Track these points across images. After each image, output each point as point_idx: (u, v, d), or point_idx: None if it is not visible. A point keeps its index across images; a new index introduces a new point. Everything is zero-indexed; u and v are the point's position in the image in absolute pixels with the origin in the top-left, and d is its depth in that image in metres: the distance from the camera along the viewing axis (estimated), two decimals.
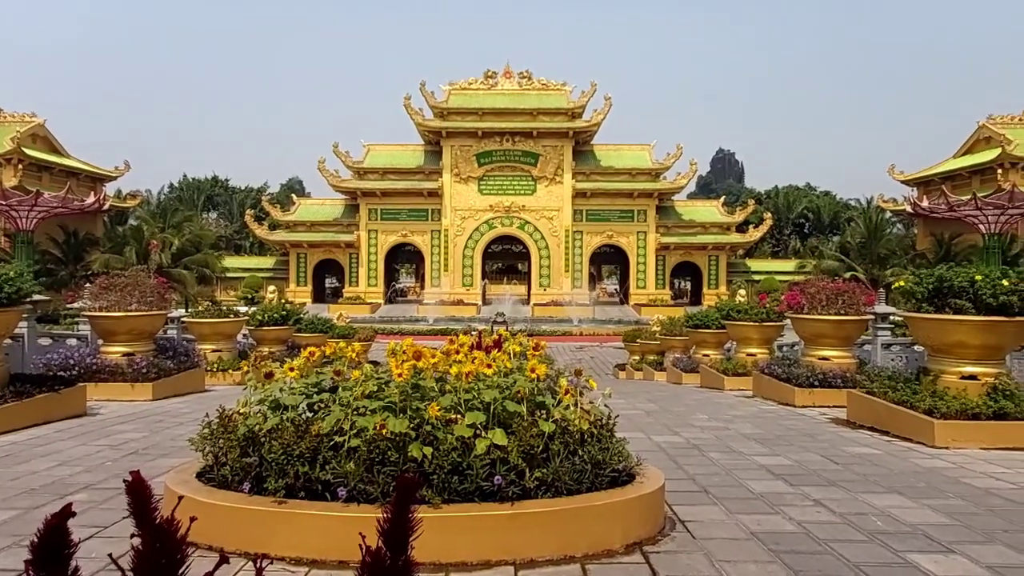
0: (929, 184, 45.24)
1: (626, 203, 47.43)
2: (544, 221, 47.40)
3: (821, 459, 5.50)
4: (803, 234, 69.58)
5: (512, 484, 3.28)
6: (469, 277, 47.66)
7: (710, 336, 13.91)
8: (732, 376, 11.38)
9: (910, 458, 5.51)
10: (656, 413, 8.16)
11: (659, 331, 18.48)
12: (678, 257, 48.40)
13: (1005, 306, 6.07)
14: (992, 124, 44.31)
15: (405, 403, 3.46)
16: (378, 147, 50.02)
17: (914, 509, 4.12)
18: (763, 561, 3.27)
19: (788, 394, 8.77)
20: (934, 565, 3.21)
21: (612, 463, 3.65)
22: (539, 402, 3.82)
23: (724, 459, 5.47)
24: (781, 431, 6.78)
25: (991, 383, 6.15)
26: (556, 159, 47.07)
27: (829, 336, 9.22)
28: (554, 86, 49.06)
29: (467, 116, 46.86)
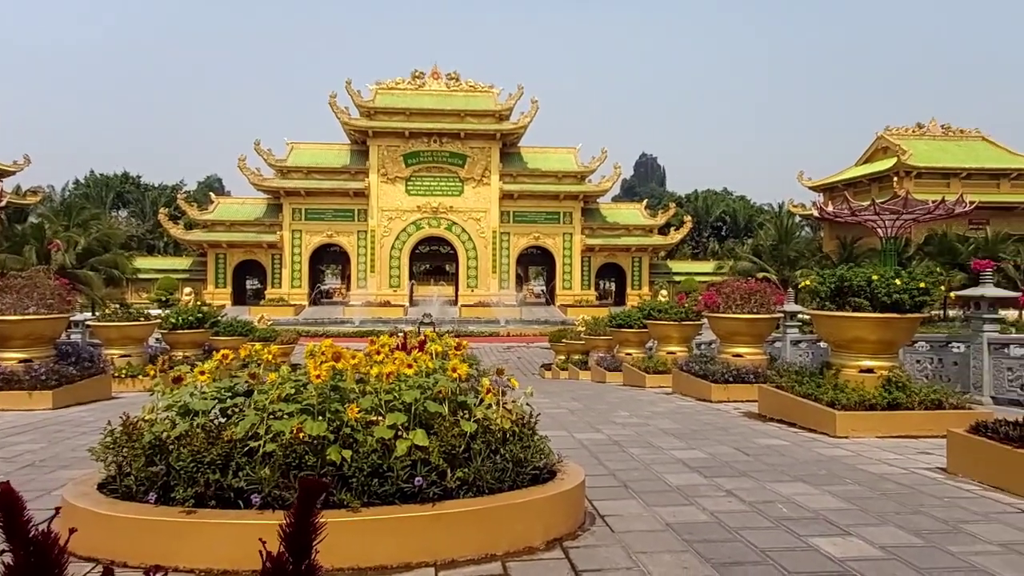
0: (834, 190, 47.96)
1: (552, 205, 48.06)
2: (472, 222, 47.41)
3: (733, 451, 5.73)
4: (721, 236, 72.43)
5: (433, 485, 3.27)
6: (396, 278, 47.12)
7: (632, 335, 14.27)
8: (653, 374, 11.70)
9: (814, 448, 5.83)
10: (580, 411, 8.30)
11: (584, 331, 18.80)
12: (603, 258, 49.42)
13: (898, 304, 6.52)
14: (889, 135, 47.51)
15: (324, 405, 3.39)
16: (302, 145, 48.76)
17: (816, 496, 4.35)
18: (677, 551, 3.38)
19: (705, 390, 9.11)
20: (833, 547, 3.41)
21: (534, 461, 3.69)
22: (461, 402, 3.82)
23: (643, 454, 5.63)
24: (697, 426, 7.03)
25: (886, 376, 6.59)
26: (484, 161, 47.17)
27: (743, 334, 9.64)
28: (482, 88, 49.17)
29: (394, 116, 46.32)
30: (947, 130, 48.61)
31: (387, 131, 45.99)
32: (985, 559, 3.25)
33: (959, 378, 8.32)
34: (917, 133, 47.98)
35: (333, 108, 45.22)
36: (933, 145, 46.86)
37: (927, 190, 40.90)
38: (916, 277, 6.74)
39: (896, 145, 45.24)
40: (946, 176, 44.22)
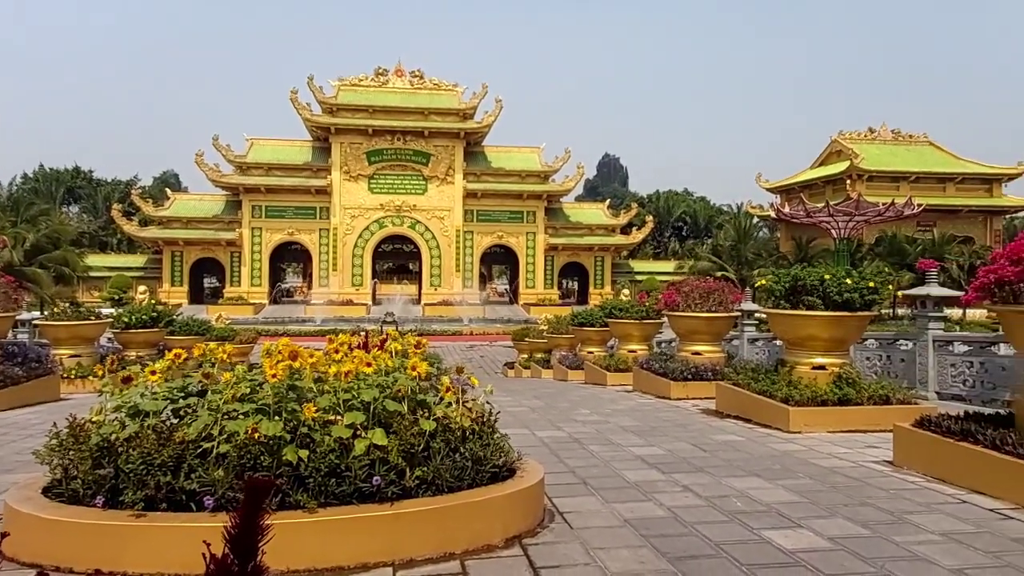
0: (791, 192, 49.20)
1: (516, 204, 48.16)
2: (435, 221, 47.22)
3: (691, 447, 5.83)
4: (682, 236, 73.53)
5: (392, 484, 3.25)
6: (359, 277, 46.65)
7: (594, 334, 14.40)
8: (614, 372, 11.82)
9: (768, 443, 5.97)
10: (541, 409, 8.35)
11: (547, 330, 18.89)
12: (566, 257, 49.72)
13: (848, 302, 6.72)
14: (843, 139, 48.87)
15: (280, 405, 3.35)
16: (263, 141, 47.91)
17: (770, 489, 4.46)
18: (634, 546, 3.43)
19: (664, 388, 9.24)
20: (784, 539, 3.50)
21: (493, 459, 3.69)
22: (421, 400, 3.81)
23: (603, 451, 5.69)
24: (657, 423, 7.14)
25: (837, 372, 6.78)
26: (447, 159, 47.02)
27: (702, 332, 9.81)
28: (446, 86, 48.99)
29: (357, 113, 45.85)
30: (897, 135, 50.21)
31: (350, 128, 45.49)
32: (926, 548, 3.38)
33: (906, 374, 8.61)
34: (869, 138, 49.47)
35: (294, 104, 44.54)
36: (884, 149, 48.37)
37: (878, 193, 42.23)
38: (866, 277, 6.95)
39: (849, 149, 46.62)
40: (896, 180, 45.72)
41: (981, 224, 47.35)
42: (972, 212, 46.89)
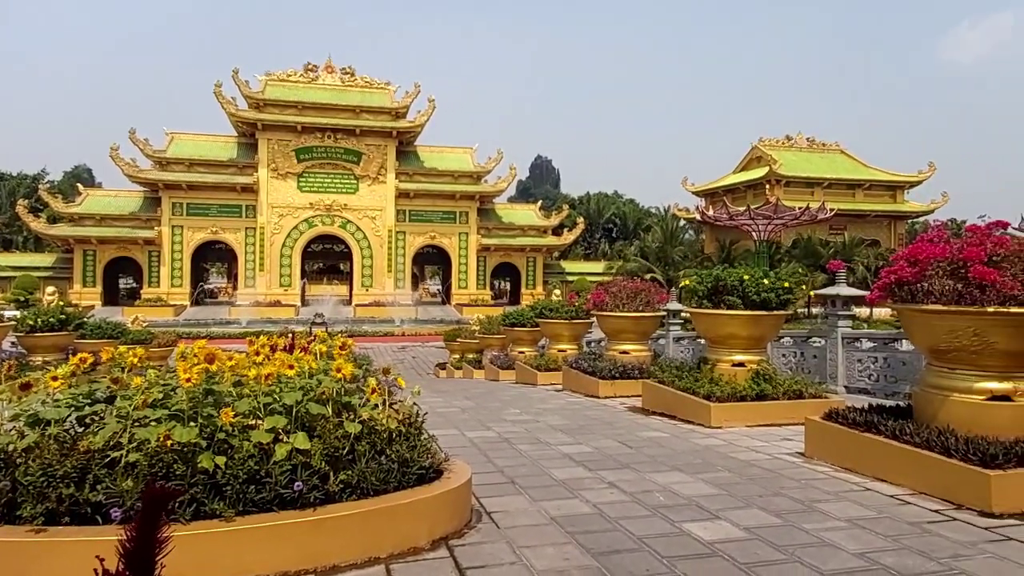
0: (715, 195, 51.02)
1: (449, 204, 47.99)
2: (367, 221, 46.49)
3: (618, 444, 5.95)
4: (611, 238, 75.01)
5: (315, 489, 3.18)
6: (287, 277, 45.41)
7: (525, 334, 14.50)
8: (545, 371, 11.94)
9: (691, 438, 6.16)
10: (471, 410, 8.35)
11: (478, 330, 18.91)
12: (498, 258, 49.88)
13: (766, 302, 7.02)
14: (763, 145, 51.07)
15: (196, 410, 3.22)
16: (184, 136, 45.95)
17: (691, 483, 4.61)
18: (560, 543, 3.48)
19: (593, 386, 9.40)
20: (703, 531, 3.63)
21: (420, 460, 3.67)
22: (346, 403, 3.74)
23: (532, 450, 5.73)
24: (585, 421, 7.25)
25: (755, 369, 7.08)
26: (379, 158, 46.37)
27: (629, 331, 10.03)
28: (378, 84, 48.29)
29: (285, 109, 44.61)
30: (812, 143, 52.79)
31: (278, 124, 44.21)
32: (833, 534, 3.57)
33: (818, 370, 9.08)
34: (786, 144, 51.82)
35: (218, 98, 42.93)
36: (800, 156, 50.76)
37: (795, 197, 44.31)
38: (781, 277, 7.28)
39: (768, 155, 48.74)
40: (810, 185, 48.06)
41: (886, 228, 50.35)
42: (878, 216, 49.80)
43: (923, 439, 4.31)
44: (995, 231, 4.68)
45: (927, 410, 4.57)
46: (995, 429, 4.18)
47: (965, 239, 4.60)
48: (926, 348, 4.70)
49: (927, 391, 4.61)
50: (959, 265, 4.43)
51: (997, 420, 4.23)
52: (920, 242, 4.80)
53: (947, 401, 4.43)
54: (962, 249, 4.45)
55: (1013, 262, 4.33)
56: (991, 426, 4.21)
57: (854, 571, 3.10)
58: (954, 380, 4.44)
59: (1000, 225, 4.71)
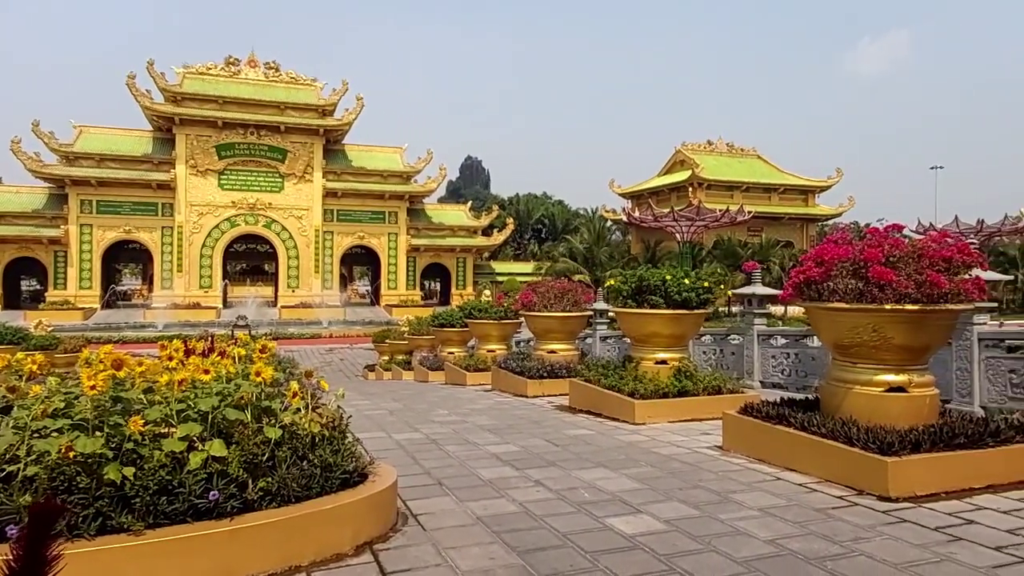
0: (640, 198, 52.39)
1: (378, 204, 47.35)
2: (293, 220, 45.30)
3: (545, 443, 6.03)
4: (541, 238, 75.77)
5: (232, 498, 3.08)
6: (208, 278, 43.66)
7: (455, 334, 14.48)
8: (474, 372, 11.95)
9: (615, 435, 6.30)
10: (399, 411, 8.27)
11: (408, 331, 18.74)
12: (428, 259, 49.58)
13: (687, 301, 7.27)
14: (685, 150, 52.81)
15: (102, 420, 3.06)
16: (94, 130, 43.49)
17: (615, 479, 4.72)
18: (486, 543, 3.49)
19: (521, 386, 9.48)
20: (626, 525, 3.72)
21: (344, 465, 3.61)
22: (266, 408, 3.64)
23: (460, 451, 5.73)
24: (513, 420, 7.30)
25: (677, 366, 7.31)
26: (306, 156, 45.27)
27: (556, 331, 10.17)
28: (304, 80, 47.11)
29: (205, 104, 42.90)
30: (731, 148, 54.96)
31: (197, 119, 42.48)
32: (747, 523, 3.73)
33: (736, 366, 9.46)
34: (708, 149, 53.74)
35: (132, 90, 40.86)
36: (720, 160, 52.75)
37: (716, 200, 46.02)
38: (702, 278, 7.54)
39: (691, 159, 50.45)
40: (730, 189, 50.04)
41: (799, 230, 52.94)
42: (792, 219, 52.33)
43: (828, 430, 4.57)
44: (892, 234, 5.00)
45: (832, 402, 4.84)
46: (892, 418, 4.47)
47: (866, 241, 4.89)
48: (831, 344, 4.97)
49: (832, 384, 4.88)
50: (860, 265, 4.71)
51: (894, 410, 4.53)
52: (826, 244, 5.08)
53: (850, 393, 4.71)
54: (863, 250, 4.73)
55: (908, 263, 4.64)
56: (889, 416, 4.50)
57: (764, 557, 3.25)
58: (856, 373, 4.72)
59: (896, 228, 5.04)
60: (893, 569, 3.09)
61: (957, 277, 4.61)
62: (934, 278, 4.45)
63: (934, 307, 4.46)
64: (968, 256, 4.66)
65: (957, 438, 4.30)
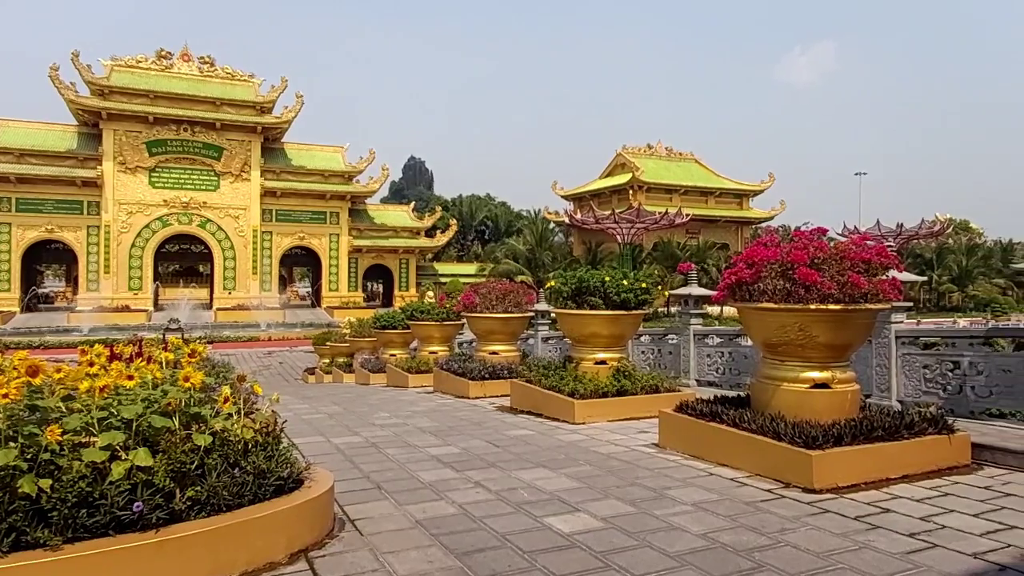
0: (582, 200, 53.10)
1: (319, 204, 46.50)
2: (229, 220, 43.99)
3: (485, 444, 6.04)
4: (484, 239, 75.88)
5: (158, 509, 2.97)
6: (137, 280, 41.95)
7: (397, 336, 14.34)
8: (416, 374, 11.87)
9: (555, 435, 6.37)
10: (339, 415, 8.14)
11: (349, 333, 18.46)
12: (370, 260, 48.98)
13: (625, 302, 7.40)
14: (626, 153, 53.79)
15: (15, 430, 2.91)
16: (13, 123, 41.23)
17: (554, 478, 4.77)
18: (424, 546, 3.47)
19: (463, 387, 9.46)
20: (563, 524, 3.76)
21: (278, 471, 3.53)
22: (195, 414, 3.53)
23: (400, 454, 5.69)
24: (454, 422, 7.29)
25: (616, 366, 7.44)
26: (243, 154, 44.04)
27: (498, 332, 10.20)
28: (241, 76, 45.83)
29: (135, 98, 41.20)
30: (670, 152, 56.29)
31: (126, 114, 40.75)
32: (680, 518, 3.83)
33: (673, 365, 9.69)
34: (648, 153, 54.89)
35: (55, 83, 38.87)
36: (659, 164, 53.97)
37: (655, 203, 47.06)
38: (640, 279, 7.70)
39: (631, 162, 51.45)
40: (669, 192, 51.26)
41: (735, 232, 54.65)
42: (728, 222, 53.99)
43: (758, 426, 4.73)
44: (817, 237, 5.22)
45: (762, 399, 5.02)
46: (817, 413, 4.67)
47: (792, 244, 5.09)
48: (761, 342, 5.15)
49: (762, 381, 5.06)
50: (788, 267, 4.90)
51: (818, 405, 4.73)
52: (756, 246, 5.26)
53: (778, 390, 4.89)
54: (790, 253, 4.93)
55: (831, 264, 4.85)
56: (814, 411, 4.69)
57: (697, 551, 3.34)
58: (784, 371, 4.91)
59: (821, 231, 5.27)
60: (815, 558, 3.23)
61: (876, 278, 4.84)
62: (854, 279, 4.67)
63: (855, 307, 4.68)
64: (885, 258, 4.91)
65: (876, 431, 4.53)
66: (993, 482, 4.49)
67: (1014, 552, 3.28)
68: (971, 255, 50.50)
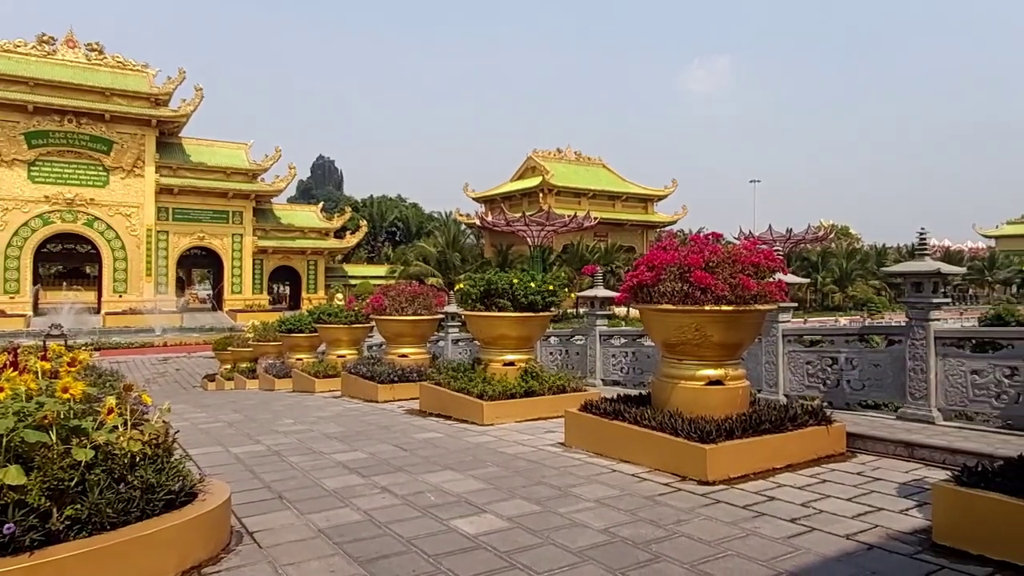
0: (493, 202, 53.45)
1: (220, 203, 44.48)
2: (120, 218, 41.35)
3: (393, 448, 5.97)
4: (395, 241, 74.96)
5: (33, 530, 2.77)
6: (14, 282, 38.72)
7: (303, 340, 13.93)
8: (323, 378, 11.59)
9: (464, 437, 6.38)
10: (240, 423, 7.83)
11: (253, 337, 17.78)
12: (277, 261, 47.36)
13: (533, 304, 7.52)
14: (537, 157, 54.62)
15: None
16: None
17: (461, 480, 4.78)
18: (327, 555, 3.40)
19: (372, 391, 9.32)
20: (469, 525, 3.78)
21: (169, 484, 3.36)
22: (76, 427, 3.31)
23: (304, 461, 5.53)
24: (362, 427, 7.16)
25: (524, 367, 7.54)
26: (136, 149, 41.53)
27: (408, 335, 10.11)
28: (133, 66, 43.21)
29: (12, 85, 38.08)
30: (579, 156, 57.60)
31: (1, 102, 37.49)
32: (584, 515, 3.94)
33: (580, 365, 9.92)
34: (558, 157, 55.94)
35: None
36: (569, 168, 55.11)
37: (565, 206, 48.03)
38: (547, 281, 7.84)
39: (542, 166, 52.28)
40: (578, 195, 52.44)
41: (640, 235, 56.58)
42: (634, 225, 55.82)
43: (658, 422, 4.93)
44: (712, 241, 5.50)
45: (662, 396, 5.23)
46: (712, 409, 4.92)
47: (689, 248, 5.34)
48: (661, 342, 5.37)
49: (662, 380, 5.28)
50: (685, 270, 5.13)
51: (713, 401, 4.98)
52: (656, 250, 5.48)
53: (676, 387, 5.11)
54: (687, 256, 5.17)
55: (725, 267, 5.12)
56: (708, 407, 4.94)
57: (598, 546, 3.45)
58: (682, 369, 5.14)
59: (715, 236, 5.55)
60: (707, 547, 3.40)
61: (764, 280, 5.16)
62: (745, 281, 4.95)
63: (746, 307, 4.96)
64: (773, 262, 5.23)
65: (763, 424, 4.82)
66: (864, 468, 4.88)
67: (880, 532, 3.58)
68: (851, 258, 54.49)
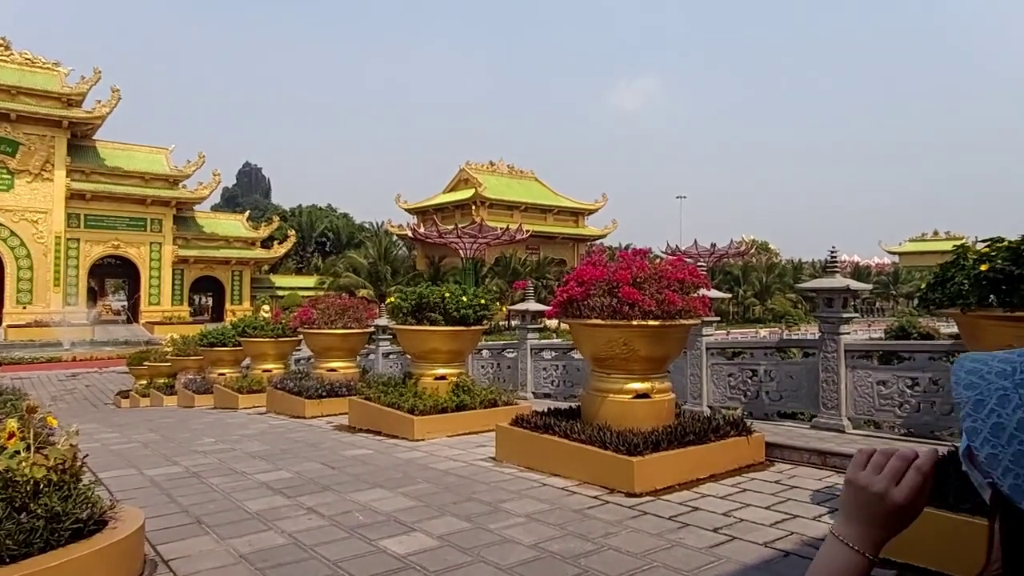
0: (426, 214, 53.17)
1: (138, 210, 42.46)
2: (26, 224, 38.87)
3: (321, 466, 5.82)
4: (325, 252, 73.35)
5: None
6: None
7: (227, 354, 13.42)
8: (247, 394, 11.20)
9: (394, 453, 6.29)
10: (156, 443, 7.45)
11: (172, 351, 16.99)
12: (199, 271, 45.52)
13: (465, 318, 7.50)
14: (470, 169, 54.76)
15: None
16: None
17: (391, 498, 4.70)
18: None
19: (299, 407, 9.07)
20: (398, 545, 3.72)
21: (76, 512, 3.17)
22: None
23: (224, 483, 5.32)
24: (287, 445, 6.95)
25: (455, 381, 7.50)
26: (44, 151, 39.20)
27: (337, 348, 9.89)
28: (43, 64, 40.85)
29: None
30: (512, 169, 58.06)
31: None
32: (514, 530, 3.94)
33: (512, 378, 9.95)
34: (490, 169, 56.20)
35: None
36: (501, 181, 55.43)
37: (497, 219, 48.24)
38: (479, 295, 7.84)
39: (475, 178, 52.40)
40: (511, 208, 52.78)
41: (571, 249, 57.40)
42: (566, 238, 56.59)
43: (587, 436, 5.00)
44: (639, 257, 5.64)
45: (591, 410, 5.31)
46: (639, 422, 5.03)
47: (617, 264, 5.46)
48: (590, 356, 5.46)
49: (591, 393, 5.36)
50: (613, 285, 5.24)
51: (640, 414, 5.09)
52: (585, 265, 5.58)
53: (605, 401, 5.20)
54: (615, 272, 5.28)
55: (651, 283, 5.26)
56: (636, 420, 5.05)
57: (528, 562, 3.45)
58: (610, 383, 5.23)
59: (642, 253, 5.70)
60: (634, 559, 3.47)
61: (689, 296, 5.33)
62: (671, 297, 5.10)
63: (671, 322, 5.11)
64: (697, 278, 5.42)
65: (688, 436, 4.96)
66: (782, 476, 5.09)
67: (795, 539, 3.74)
68: (770, 272, 56.91)
